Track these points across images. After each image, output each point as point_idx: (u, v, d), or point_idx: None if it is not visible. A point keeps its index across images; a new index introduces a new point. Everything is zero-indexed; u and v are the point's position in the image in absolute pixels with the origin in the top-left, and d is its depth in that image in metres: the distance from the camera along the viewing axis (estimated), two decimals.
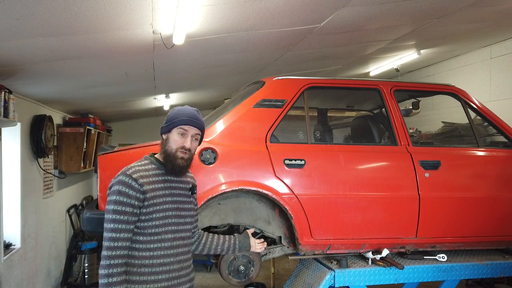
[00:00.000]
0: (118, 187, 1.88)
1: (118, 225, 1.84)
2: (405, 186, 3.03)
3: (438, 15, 3.70)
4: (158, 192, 1.96)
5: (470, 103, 3.39)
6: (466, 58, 5.84)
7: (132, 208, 1.87)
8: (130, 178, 1.89)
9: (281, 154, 2.89)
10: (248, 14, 3.00)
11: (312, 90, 3.19)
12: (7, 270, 4.19)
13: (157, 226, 1.93)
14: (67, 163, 6.03)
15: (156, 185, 1.96)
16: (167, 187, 2.01)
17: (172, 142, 2.02)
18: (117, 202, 1.86)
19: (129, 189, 1.87)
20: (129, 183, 1.88)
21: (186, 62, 4.42)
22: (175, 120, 2.03)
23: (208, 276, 6.75)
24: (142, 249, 1.91)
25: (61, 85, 4.53)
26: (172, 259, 1.97)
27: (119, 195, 1.86)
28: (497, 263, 3.16)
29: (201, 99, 8.13)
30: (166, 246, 1.95)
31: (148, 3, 2.46)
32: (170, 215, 1.98)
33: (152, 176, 1.97)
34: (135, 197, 1.88)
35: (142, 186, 1.90)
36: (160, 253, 1.93)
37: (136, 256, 1.91)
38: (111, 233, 1.84)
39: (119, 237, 1.85)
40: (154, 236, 1.93)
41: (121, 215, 1.85)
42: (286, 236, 3.04)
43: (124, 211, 1.86)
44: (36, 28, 2.54)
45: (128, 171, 1.93)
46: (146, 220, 1.91)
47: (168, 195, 2.00)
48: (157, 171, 2.01)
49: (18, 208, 4.56)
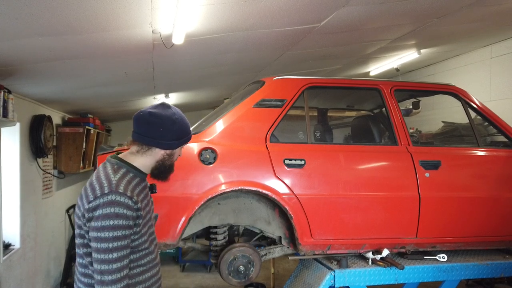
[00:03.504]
0: (113, 209, 1.61)
1: (121, 252, 1.62)
2: (405, 186, 3.03)
3: (438, 14, 3.69)
4: (143, 204, 1.75)
5: (471, 103, 3.38)
6: (466, 58, 5.83)
7: (130, 229, 1.66)
8: (125, 197, 1.64)
9: (281, 154, 2.88)
10: (248, 14, 3.00)
11: (312, 90, 3.19)
12: (6, 270, 4.18)
13: (146, 241, 1.77)
14: (67, 163, 6.02)
15: (141, 197, 1.76)
16: (145, 196, 1.82)
17: (176, 157, 1.88)
18: (115, 227, 1.60)
19: (127, 209, 1.63)
20: (125, 203, 1.63)
21: (186, 62, 4.41)
22: (186, 138, 1.86)
23: (208, 276, 6.75)
24: (134, 267, 1.73)
25: (61, 85, 4.52)
26: (157, 268, 1.86)
27: (116, 218, 1.60)
28: (497, 263, 3.15)
29: (201, 99, 8.12)
30: (153, 257, 1.82)
31: (148, 3, 2.45)
32: (150, 224, 1.83)
33: (136, 188, 1.75)
34: (132, 217, 1.65)
35: (136, 204, 1.67)
36: (149, 266, 1.79)
37: (129, 275, 1.72)
38: (116, 263, 1.60)
39: (123, 266, 1.63)
40: (144, 251, 1.76)
41: (122, 241, 1.62)
42: (286, 236, 3.03)
43: (125, 236, 1.63)
44: (35, 28, 2.53)
45: (119, 188, 1.65)
46: (138, 238, 1.72)
47: (147, 204, 1.82)
48: (136, 180, 1.78)
49: (17, 208, 4.55)
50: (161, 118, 1.76)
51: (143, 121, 1.77)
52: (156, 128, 1.76)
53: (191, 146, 2.79)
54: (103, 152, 2.82)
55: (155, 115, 1.76)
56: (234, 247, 2.93)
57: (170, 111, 1.79)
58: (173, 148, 1.83)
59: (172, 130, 1.78)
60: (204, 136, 2.88)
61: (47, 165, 5.55)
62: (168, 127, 1.77)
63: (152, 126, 1.76)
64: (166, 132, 1.77)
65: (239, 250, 2.92)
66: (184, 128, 1.83)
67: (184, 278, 6.67)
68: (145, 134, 1.77)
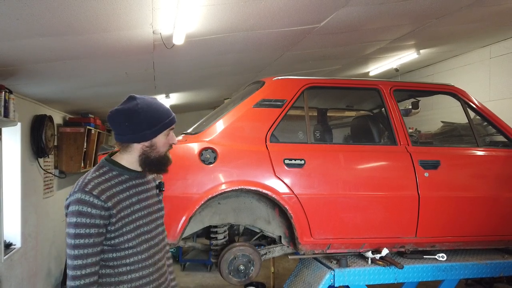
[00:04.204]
0: (77, 207, 1.62)
1: (83, 250, 1.62)
2: (404, 186, 3.04)
3: (437, 15, 3.70)
4: (125, 203, 1.72)
5: (470, 103, 3.39)
6: (465, 58, 5.84)
7: (97, 228, 1.64)
8: (90, 195, 1.63)
9: (281, 154, 2.90)
10: (248, 14, 3.01)
11: (312, 90, 3.20)
12: (7, 269, 4.20)
13: (130, 239, 1.72)
14: (68, 163, 6.03)
15: (121, 196, 1.72)
16: (133, 194, 1.78)
17: (161, 146, 1.79)
18: (78, 225, 1.61)
19: (91, 208, 1.62)
20: (90, 201, 1.63)
21: (186, 62, 4.42)
22: (161, 124, 1.76)
23: (208, 275, 6.76)
24: (118, 265, 1.72)
25: (61, 85, 4.54)
26: (151, 269, 1.79)
27: (79, 216, 1.61)
28: (496, 262, 3.16)
29: (201, 99, 8.13)
30: (142, 258, 1.76)
31: (148, 3, 2.46)
32: (141, 223, 1.77)
33: (115, 187, 1.72)
34: (99, 216, 1.63)
35: (105, 202, 1.65)
36: (137, 266, 1.75)
37: (111, 273, 1.72)
38: (76, 260, 1.62)
39: (85, 264, 1.63)
40: (128, 250, 1.73)
41: (85, 239, 1.61)
42: (286, 236, 3.04)
43: (89, 234, 1.62)
44: (36, 28, 2.54)
45: (87, 187, 1.66)
46: (117, 236, 1.70)
47: (136, 202, 1.77)
48: (119, 179, 1.75)
49: (18, 208, 4.56)
50: (124, 113, 1.74)
51: (112, 120, 1.77)
52: (123, 124, 1.74)
53: (192, 146, 2.81)
54: (104, 152, 2.84)
55: (119, 111, 1.75)
56: (234, 247, 2.94)
57: (133, 102, 1.74)
58: (148, 139, 1.76)
59: (138, 121, 1.73)
60: (204, 136, 2.89)
61: (48, 165, 5.56)
62: (133, 120, 1.73)
63: (120, 123, 1.75)
64: (133, 125, 1.73)
65: (239, 249, 2.93)
66: (154, 115, 1.75)
67: (184, 277, 6.68)
68: (118, 132, 1.77)
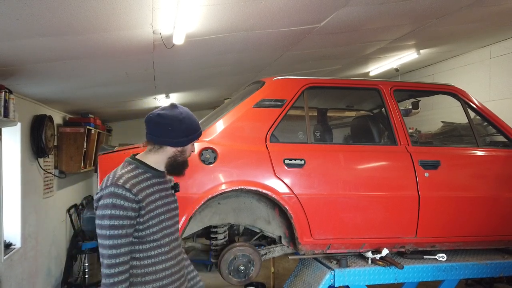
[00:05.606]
0: (111, 200, 1.78)
1: (118, 240, 1.78)
2: (404, 186, 3.04)
3: (437, 15, 3.70)
4: (151, 197, 1.90)
5: (470, 103, 3.39)
6: (465, 58, 5.84)
7: (129, 220, 1.81)
8: (123, 189, 1.80)
9: (281, 154, 2.90)
10: (248, 14, 3.01)
11: (312, 90, 3.20)
12: (7, 269, 4.20)
13: (155, 232, 1.90)
14: (67, 163, 6.03)
15: (147, 191, 1.90)
16: (156, 191, 1.95)
17: (188, 153, 2.02)
18: (113, 217, 1.77)
19: (124, 200, 1.79)
20: (123, 195, 1.79)
21: (186, 62, 4.42)
22: (195, 134, 1.99)
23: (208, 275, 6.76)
24: (143, 257, 1.88)
25: (61, 85, 4.53)
26: (172, 262, 1.96)
27: (113, 208, 1.77)
28: (496, 262, 3.17)
29: (201, 99, 8.13)
30: (165, 250, 1.94)
31: (148, 3, 2.46)
32: (163, 218, 1.95)
33: (142, 182, 1.89)
34: (131, 208, 1.80)
35: (136, 196, 1.82)
36: (161, 258, 1.92)
37: (138, 265, 1.88)
38: (111, 249, 1.77)
39: (119, 253, 1.79)
40: (153, 243, 1.90)
41: (119, 230, 1.78)
42: (286, 236, 3.04)
43: (122, 225, 1.78)
44: (36, 28, 2.54)
45: (119, 181, 1.82)
46: (144, 229, 1.87)
47: (159, 198, 1.95)
48: (145, 176, 1.93)
49: (18, 208, 4.56)
50: (169, 119, 1.91)
51: (152, 122, 1.93)
52: (165, 128, 1.92)
53: None
54: (104, 152, 2.84)
55: (163, 116, 1.92)
56: (234, 247, 2.94)
57: (177, 111, 1.94)
58: (183, 145, 1.97)
59: (180, 128, 1.92)
60: (204, 136, 2.89)
61: (48, 165, 5.56)
62: (176, 126, 1.92)
63: (161, 126, 1.92)
64: (174, 131, 1.92)
65: (239, 249, 2.93)
66: (192, 126, 1.97)
67: None
68: (156, 134, 1.93)
